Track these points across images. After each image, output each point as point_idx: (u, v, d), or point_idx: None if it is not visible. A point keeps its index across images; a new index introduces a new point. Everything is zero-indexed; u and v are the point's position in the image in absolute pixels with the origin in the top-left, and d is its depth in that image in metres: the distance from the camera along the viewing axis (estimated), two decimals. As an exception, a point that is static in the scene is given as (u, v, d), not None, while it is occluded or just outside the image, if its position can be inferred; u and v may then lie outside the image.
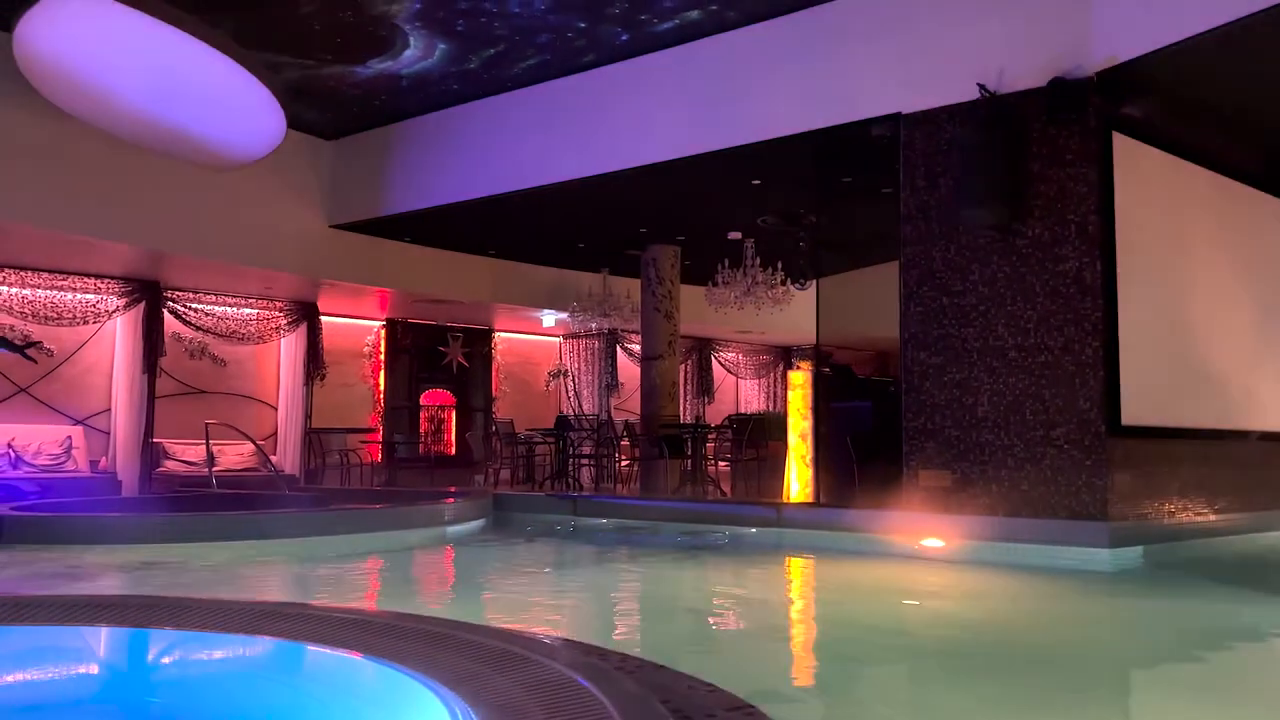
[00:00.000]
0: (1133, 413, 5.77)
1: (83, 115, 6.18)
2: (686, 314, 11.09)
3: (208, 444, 8.83)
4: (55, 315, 9.70)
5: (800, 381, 7.89)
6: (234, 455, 10.40)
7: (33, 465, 9.15)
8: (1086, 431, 5.65)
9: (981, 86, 5.92)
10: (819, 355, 8.11)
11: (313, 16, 7.14)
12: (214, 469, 9.09)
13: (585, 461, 10.72)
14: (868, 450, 7.20)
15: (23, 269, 9.47)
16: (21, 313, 9.50)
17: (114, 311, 10.13)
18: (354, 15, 7.12)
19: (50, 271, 9.64)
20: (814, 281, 8.11)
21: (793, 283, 10.28)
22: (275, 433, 11.53)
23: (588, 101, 8.25)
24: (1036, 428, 5.82)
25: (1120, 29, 5.53)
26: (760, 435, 9.49)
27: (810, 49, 6.94)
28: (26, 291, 9.56)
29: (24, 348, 8.34)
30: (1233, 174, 7.00)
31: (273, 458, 10.83)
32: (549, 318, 13.15)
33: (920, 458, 6.22)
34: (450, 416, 13.69)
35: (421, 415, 13.37)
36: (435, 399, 13.53)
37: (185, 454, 10.34)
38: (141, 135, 6.35)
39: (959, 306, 6.15)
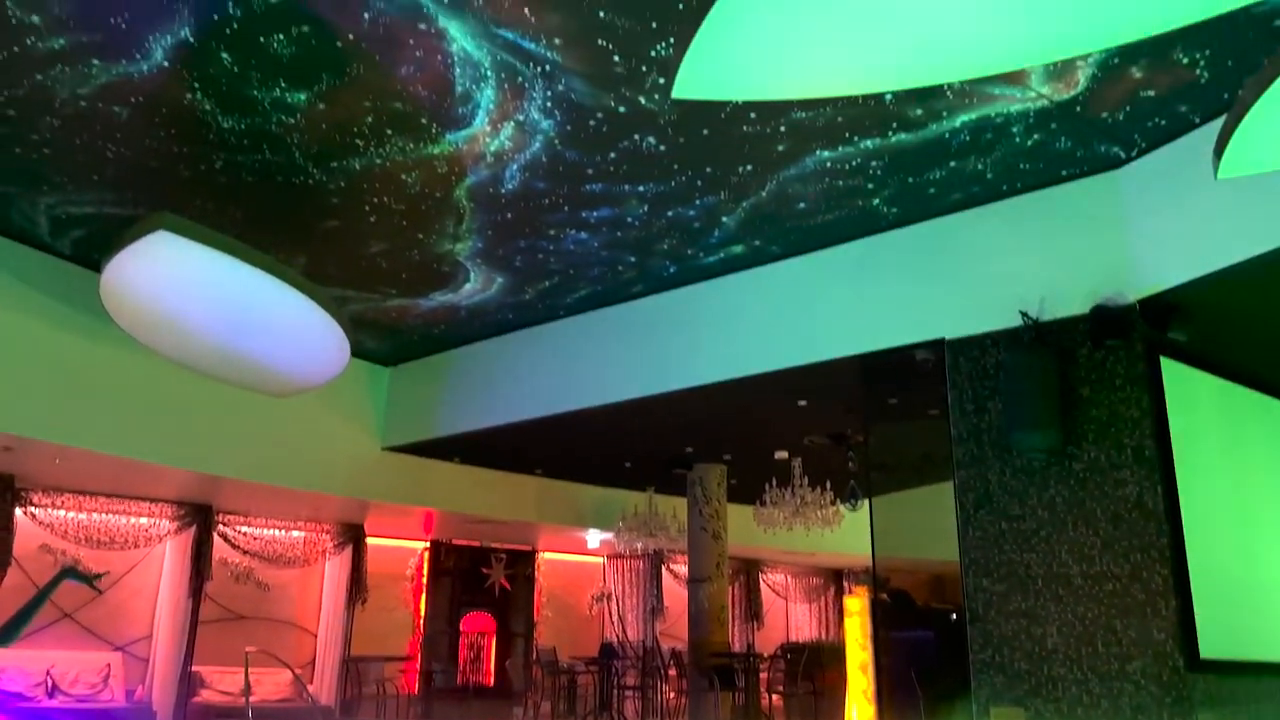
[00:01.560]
0: (1210, 645, 5.49)
1: (162, 349, 6.50)
2: (733, 533, 10.94)
3: (246, 674, 8.63)
4: (108, 540, 9.80)
5: (858, 608, 7.65)
6: (271, 684, 10.14)
7: (69, 694, 8.97)
8: (1164, 666, 5.36)
9: (1024, 314, 6.06)
10: (876, 580, 7.90)
11: (381, 255, 7.58)
12: (251, 699, 8.84)
13: (630, 693, 10.29)
14: (934, 685, 6.86)
15: (81, 494, 9.66)
16: (76, 537, 9.62)
17: (165, 535, 10.22)
18: (420, 254, 7.55)
19: (108, 495, 9.82)
20: (865, 502, 8.01)
21: (842, 503, 10.17)
22: (314, 659, 11.27)
23: (637, 327, 8.53)
24: (1110, 661, 5.53)
25: (1160, 257, 5.69)
26: (817, 666, 9.11)
27: (852, 278, 7.19)
28: (83, 516, 9.71)
29: (93, 579, 8.42)
30: (1285, 396, 6.97)
31: (310, 686, 10.53)
32: (594, 537, 13.05)
33: (989, 693, 5.90)
34: (490, 643, 13.34)
35: (461, 642, 13.04)
36: (476, 623, 13.24)
37: (222, 683, 10.10)
38: (214, 367, 6.63)
39: (1019, 531, 6.01)
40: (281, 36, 4.88)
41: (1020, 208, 6.42)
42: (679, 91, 3.73)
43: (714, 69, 3.73)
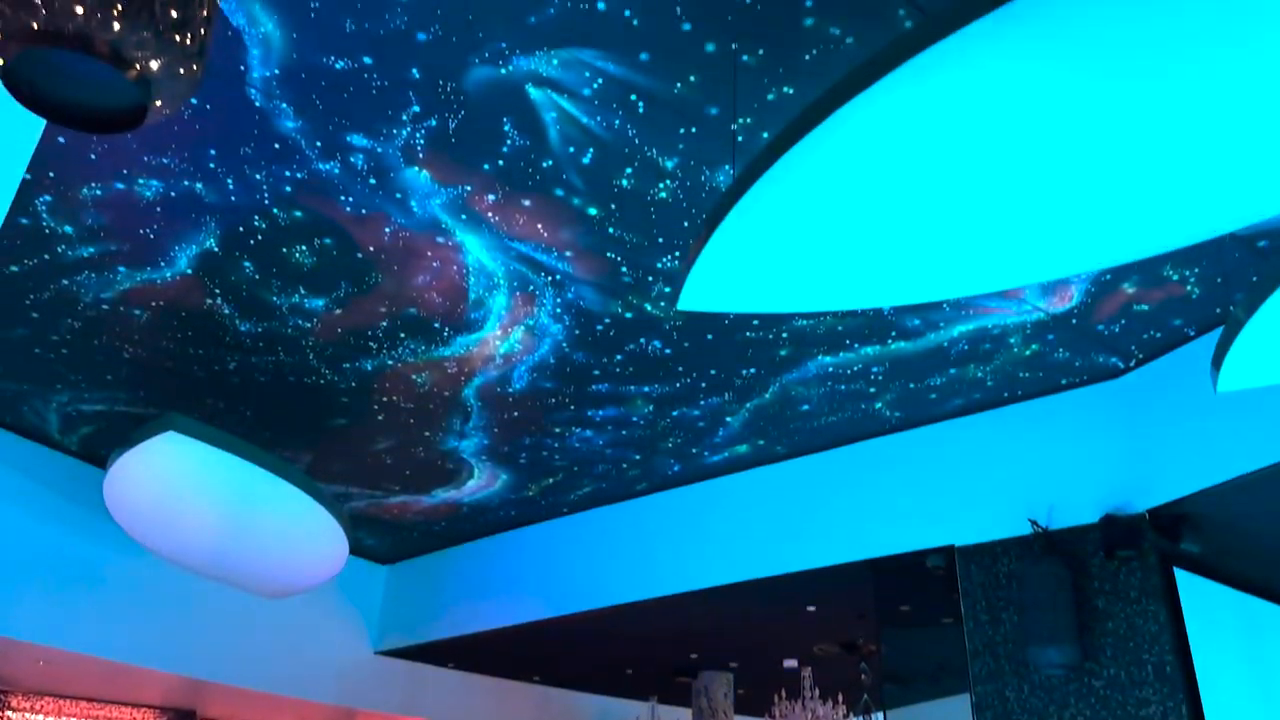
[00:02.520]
0: None
1: (158, 549, 6.41)
2: (741, 749, 10.39)
3: None
4: (84, 746, 9.33)
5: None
6: None
7: None
8: None
9: (1033, 523, 5.99)
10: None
11: (387, 452, 7.61)
12: None
13: None
14: None
15: (61, 697, 9.28)
16: (50, 743, 9.17)
17: (144, 741, 9.74)
18: (425, 451, 7.57)
19: (89, 700, 9.43)
20: (880, 714, 7.65)
21: (855, 716, 9.71)
22: None
23: (640, 526, 8.42)
24: None
25: (1166, 468, 5.68)
26: None
27: (857, 481, 7.16)
28: None
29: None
30: (1307, 607, 6.77)
31: None
32: (593, 750, 12.38)
33: None
34: None
35: None
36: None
37: None
38: (209, 568, 6.52)
39: (1041, 753, 5.71)
40: (304, 248, 5.09)
41: (1023, 415, 6.47)
42: (684, 304, 3.85)
43: (717, 283, 3.87)
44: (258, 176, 4.56)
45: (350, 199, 4.71)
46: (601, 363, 6.20)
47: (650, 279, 5.31)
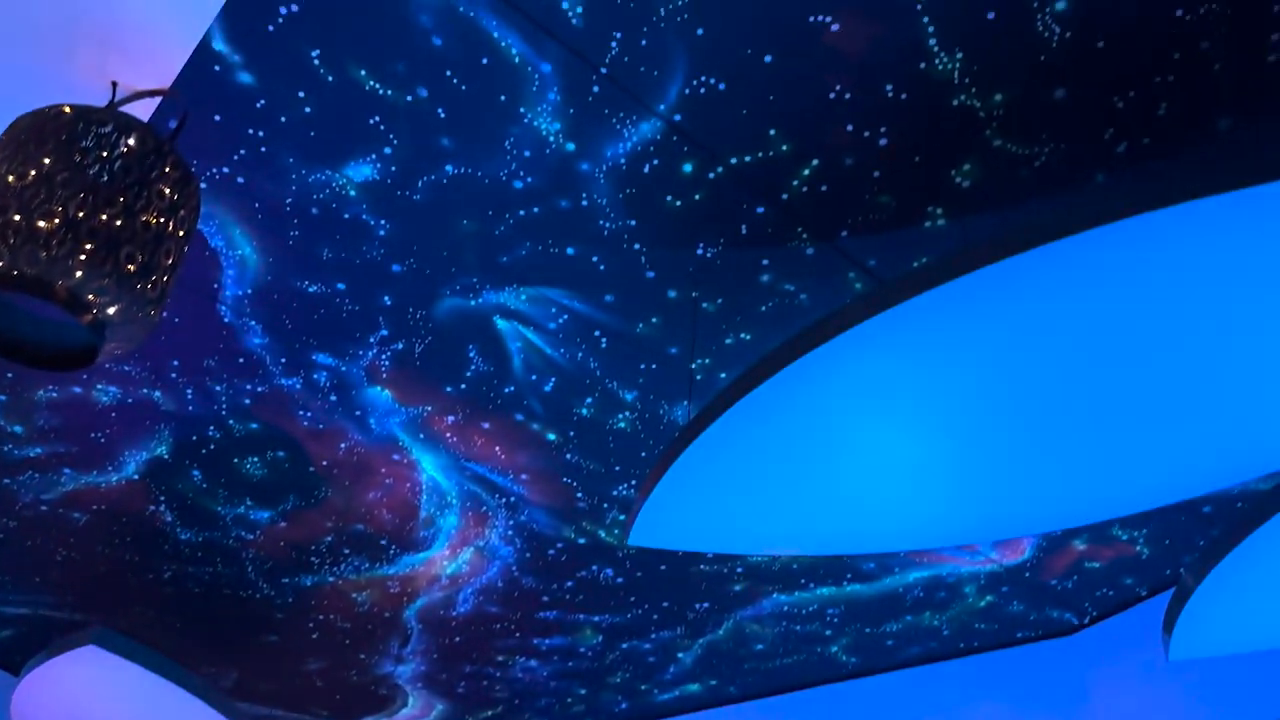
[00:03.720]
0: None
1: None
2: None
3: None
4: None
5: None
6: None
7: None
8: None
9: (992, 784, 5.73)
10: None
11: (318, 674, 7.22)
12: None
13: None
14: None
15: None
16: None
17: None
18: (359, 675, 7.20)
19: None
20: None
21: None
22: None
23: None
24: None
25: (1124, 733, 5.52)
26: None
27: None
28: None
29: None
30: None
31: None
32: None
33: None
34: None
35: None
36: None
37: None
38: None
39: None
40: (256, 459, 5.03)
41: (980, 668, 6.32)
42: (634, 539, 3.81)
43: (669, 520, 3.85)
44: (218, 388, 4.57)
45: (309, 414, 4.72)
46: (551, 588, 6.05)
47: (605, 506, 5.28)
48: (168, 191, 1.81)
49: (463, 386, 4.49)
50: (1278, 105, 3.12)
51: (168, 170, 1.86)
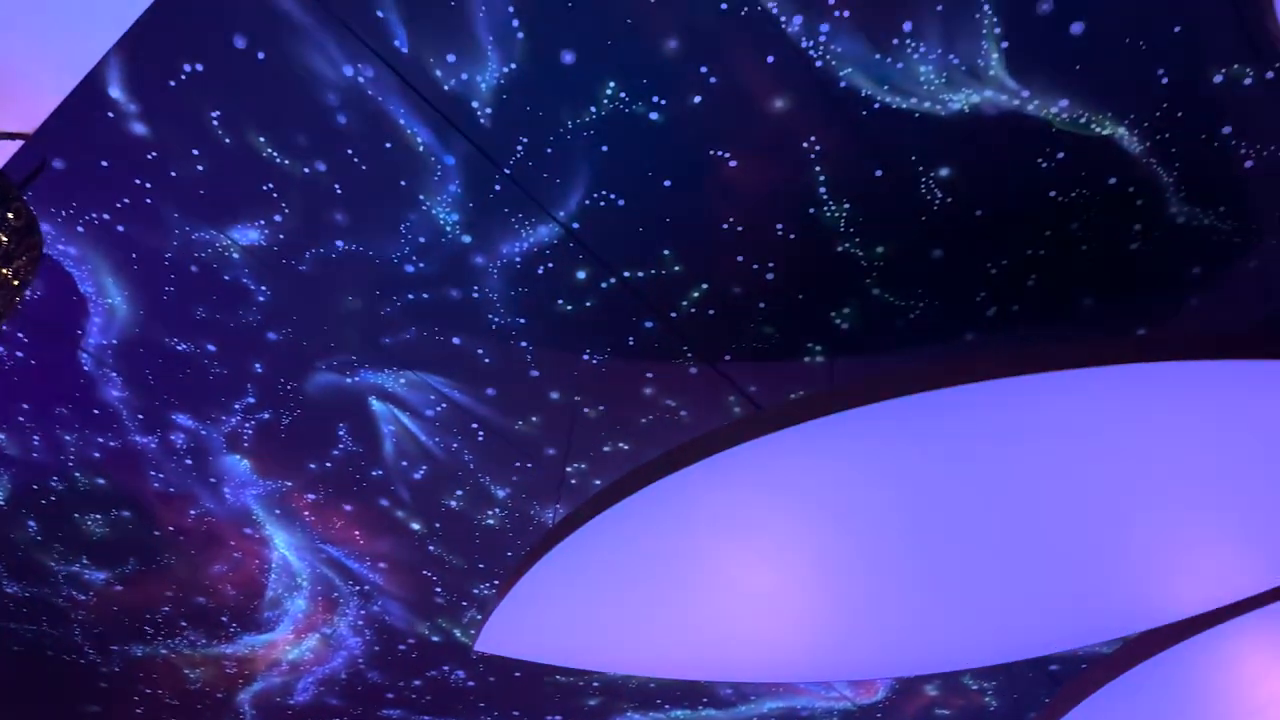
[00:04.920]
0: None
1: None
2: None
3: None
4: None
5: None
6: None
7: None
8: None
9: None
10: None
11: (135, 751, 6.71)
12: None
13: None
14: None
15: None
16: None
17: None
18: (180, 757, 6.72)
19: None
20: None
21: None
22: None
23: None
24: None
25: None
26: None
27: None
28: None
29: None
30: None
31: None
32: None
33: None
34: None
35: None
36: None
37: None
38: None
39: None
40: (99, 516, 4.75)
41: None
42: (482, 645, 3.69)
43: (525, 628, 3.74)
44: (68, 438, 4.32)
45: (161, 475, 4.49)
46: (397, 686, 5.79)
47: (464, 604, 5.12)
48: (4, 240, 1.73)
49: (328, 465, 4.35)
50: (1133, 290, 3.32)
51: (10, 217, 1.77)
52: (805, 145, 2.93)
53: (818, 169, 2.98)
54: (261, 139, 3.07)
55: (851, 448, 2.88)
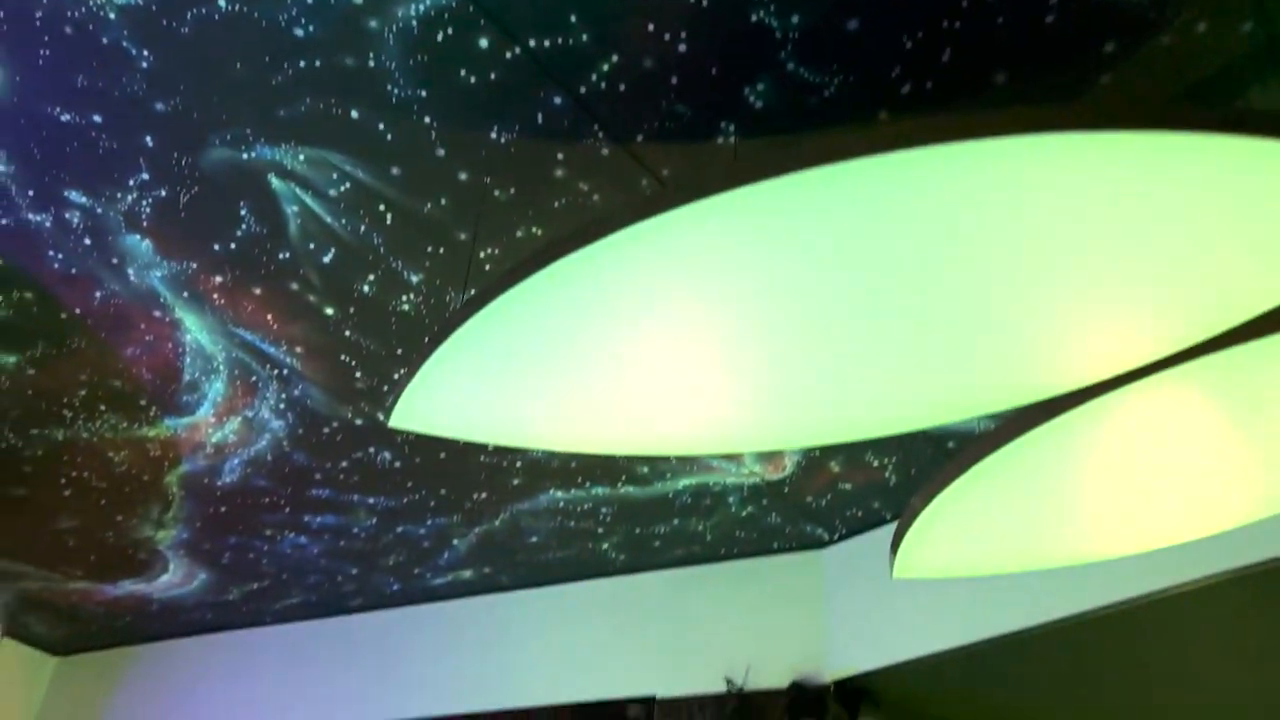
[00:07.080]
0: None
1: None
2: None
3: None
4: None
5: None
6: None
7: None
8: None
9: (729, 681, 6.10)
10: None
11: (71, 533, 6.86)
12: None
13: None
14: None
15: None
16: None
17: None
18: (115, 537, 6.88)
19: None
20: None
21: None
22: None
23: (347, 645, 7.94)
24: None
25: (852, 642, 5.97)
26: None
27: (573, 621, 7.09)
28: None
29: None
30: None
31: None
32: None
33: None
34: None
35: None
36: None
37: None
38: None
39: None
40: (1, 299, 4.62)
41: (735, 573, 6.67)
42: (395, 421, 3.74)
43: (435, 404, 3.79)
44: (-48, 215, 4.13)
45: (60, 255, 4.35)
46: (324, 467, 5.92)
47: (386, 389, 5.17)
48: None
49: (232, 246, 4.24)
50: (1050, 66, 3.27)
51: None
52: (715, -101, 2.75)
53: (728, -73, 2.82)
54: (122, -123, 2.79)
55: (758, 223, 2.87)
